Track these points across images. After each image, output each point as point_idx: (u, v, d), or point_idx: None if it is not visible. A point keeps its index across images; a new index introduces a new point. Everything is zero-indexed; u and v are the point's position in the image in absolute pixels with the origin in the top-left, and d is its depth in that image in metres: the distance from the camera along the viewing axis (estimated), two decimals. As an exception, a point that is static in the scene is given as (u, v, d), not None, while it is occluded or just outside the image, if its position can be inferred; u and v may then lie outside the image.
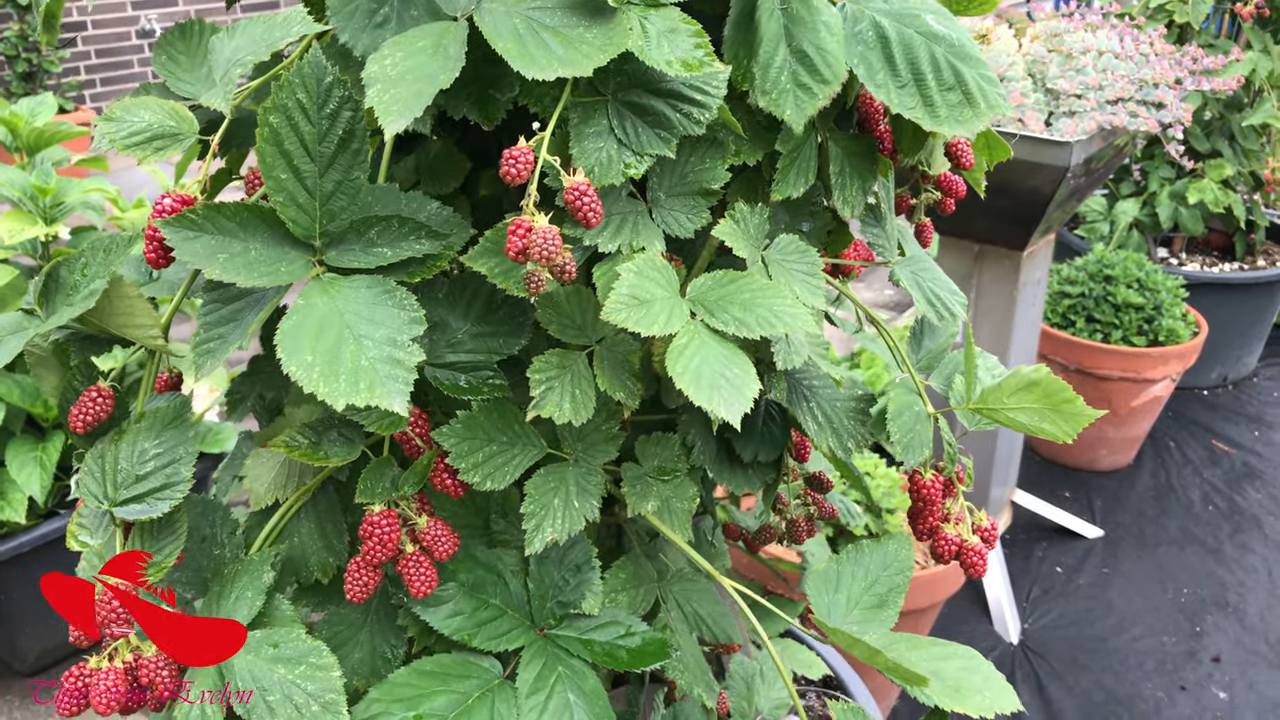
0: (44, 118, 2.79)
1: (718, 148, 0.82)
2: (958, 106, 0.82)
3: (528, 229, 0.71)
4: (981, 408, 0.90)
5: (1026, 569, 2.83)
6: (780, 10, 0.80)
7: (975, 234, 2.51)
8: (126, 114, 0.79)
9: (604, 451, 0.88)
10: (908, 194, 1.09)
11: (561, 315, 0.83)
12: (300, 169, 0.73)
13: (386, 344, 0.71)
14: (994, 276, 2.57)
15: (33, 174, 2.68)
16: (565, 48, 0.70)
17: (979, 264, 2.56)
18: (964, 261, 2.57)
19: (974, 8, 0.97)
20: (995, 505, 2.82)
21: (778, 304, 0.77)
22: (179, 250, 0.71)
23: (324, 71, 0.72)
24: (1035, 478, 3.19)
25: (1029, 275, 2.56)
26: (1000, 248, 2.51)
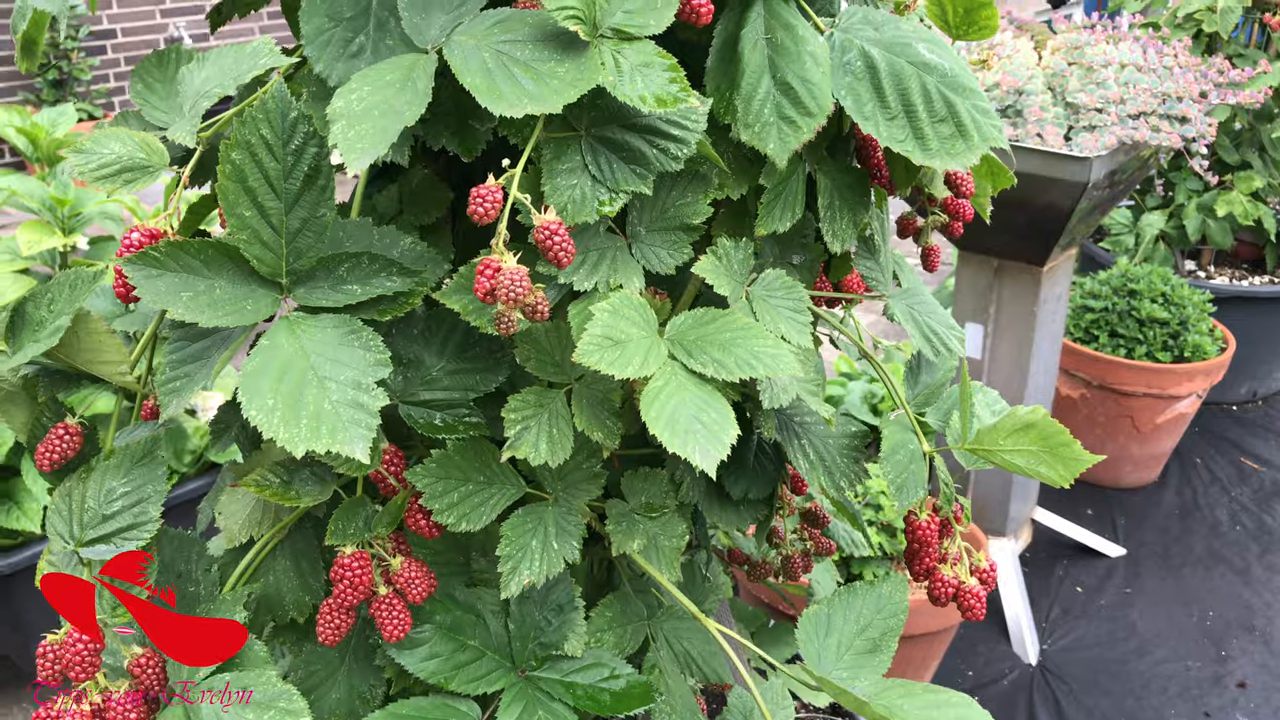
0: (64, 128, 2.80)
1: (700, 182, 0.80)
2: (950, 139, 0.79)
3: (495, 269, 0.69)
4: (977, 448, 0.87)
5: (1046, 588, 2.78)
6: (765, 40, 0.78)
7: (994, 249, 2.47)
8: (96, 145, 0.78)
9: (585, 491, 0.86)
10: (915, 217, 1.06)
11: (540, 352, 0.81)
12: (265, 206, 0.71)
13: (351, 386, 0.69)
14: (1014, 292, 2.52)
15: (52, 185, 2.69)
16: (535, 83, 0.68)
17: (998, 279, 2.52)
18: (983, 276, 2.53)
19: (974, 32, 0.94)
20: (1015, 522, 2.77)
21: (758, 345, 0.75)
22: (141, 289, 0.69)
23: (288, 106, 0.70)
24: (1056, 494, 3.13)
25: (1050, 291, 2.52)
26: (1020, 263, 2.47)
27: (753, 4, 0.79)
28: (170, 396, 0.73)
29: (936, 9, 0.94)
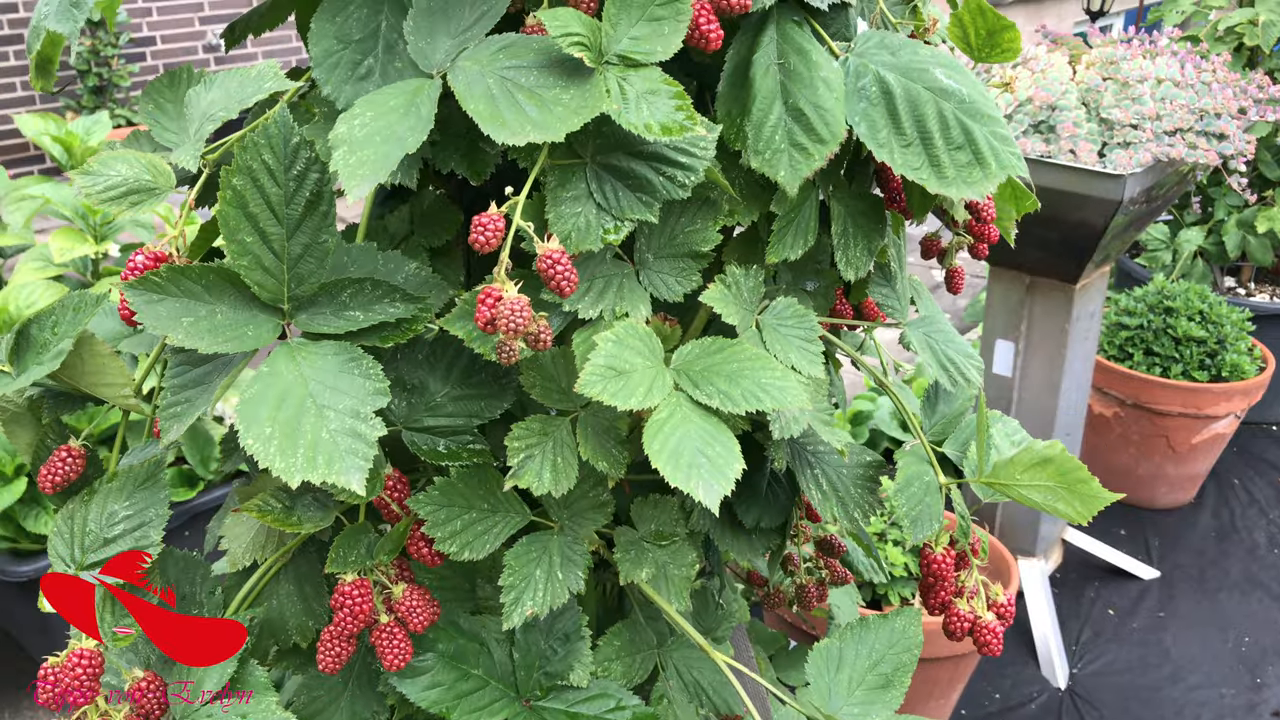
0: (98, 136, 2.83)
1: (710, 208, 0.78)
2: (967, 167, 0.77)
3: (496, 298, 0.68)
4: (994, 482, 0.85)
5: (1077, 610, 2.73)
6: (777, 66, 0.76)
7: (1026, 265, 2.43)
8: (104, 168, 0.77)
9: (592, 520, 0.84)
10: (939, 238, 1.04)
11: (545, 379, 0.79)
12: (267, 232, 0.70)
13: (349, 415, 0.68)
14: (1046, 309, 2.48)
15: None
16: (540, 110, 0.67)
17: (1030, 296, 2.48)
18: (1015, 293, 2.50)
19: (996, 55, 0.92)
20: (1045, 542, 2.73)
21: (765, 376, 0.73)
22: (141, 315, 0.69)
23: (290, 131, 0.70)
24: (1089, 514, 3.07)
25: (1083, 308, 2.48)
26: (1052, 280, 2.43)
27: (765, 28, 0.77)
28: (171, 421, 0.73)
29: (958, 31, 0.92)
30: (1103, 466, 3.14)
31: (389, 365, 0.81)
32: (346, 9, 0.80)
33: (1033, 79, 2.20)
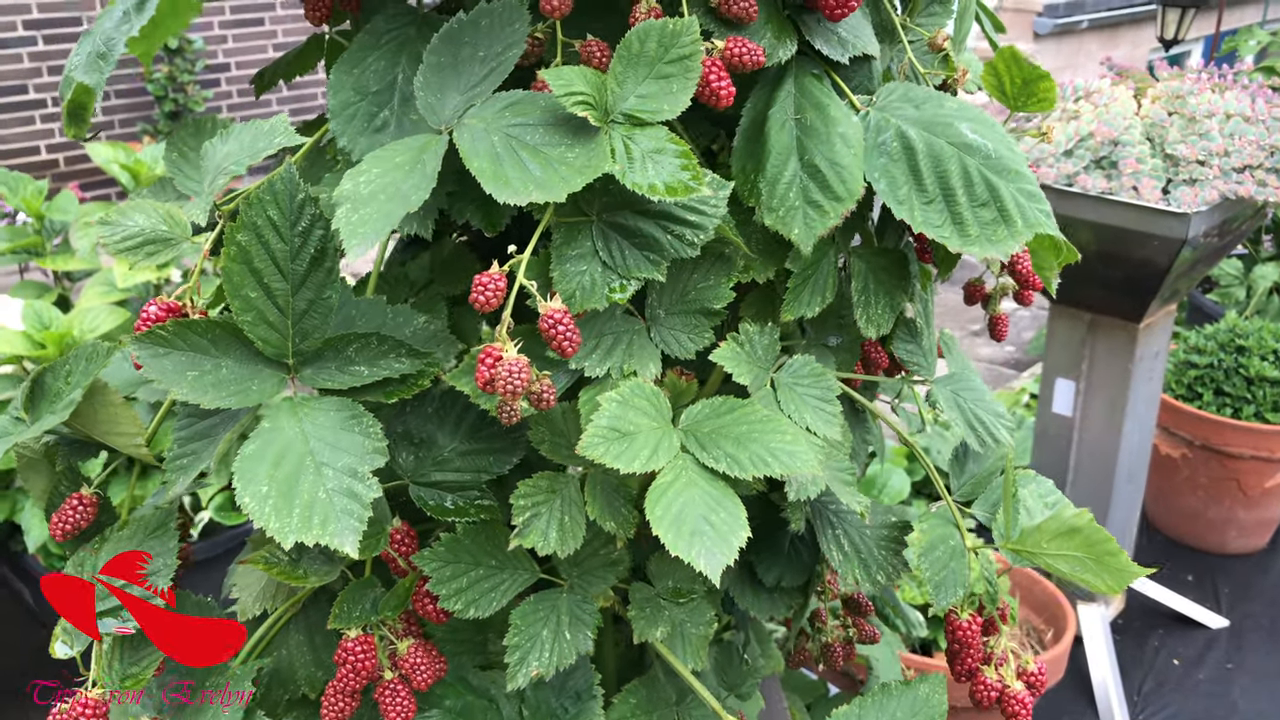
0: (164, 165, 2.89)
1: (723, 264, 0.76)
2: (991, 225, 0.74)
3: (496, 358, 0.67)
4: (1020, 549, 0.81)
5: (1139, 659, 2.64)
6: (793, 121, 0.74)
7: (1087, 303, 2.37)
8: (122, 217, 0.78)
9: (602, 578, 0.83)
10: (982, 283, 1.01)
11: (555, 434, 0.78)
12: (271, 287, 0.70)
13: (347, 474, 0.67)
14: (1108, 348, 2.41)
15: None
16: (543, 169, 0.66)
17: (1091, 334, 2.41)
18: (1075, 331, 2.43)
19: (1032, 104, 0.89)
20: (1107, 588, 2.64)
21: (776, 440, 0.71)
22: (147, 368, 0.69)
23: (296, 187, 0.69)
24: (1154, 558, 2.98)
25: (1147, 348, 2.41)
26: (1115, 318, 2.36)
27: (783, 82, 0.75)
28: (177, 474, 0.73)
29: (993, 80, 0.89)
30: (1169, 509, 3.04)
31: (397, 418, 0.80)
32: (364, 60, 0.80)
33: (1095, 113, 2.14)
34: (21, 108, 5.34)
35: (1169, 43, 5.06)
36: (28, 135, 5.43)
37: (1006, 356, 4.15)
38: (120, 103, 5.63)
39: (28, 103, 5.32)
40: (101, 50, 0.83)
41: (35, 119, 5.43)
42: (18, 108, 5.31)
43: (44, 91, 5.38)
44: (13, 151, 5.39)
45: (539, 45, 0.76)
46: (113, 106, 5.61)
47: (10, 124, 5.32)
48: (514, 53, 0.71)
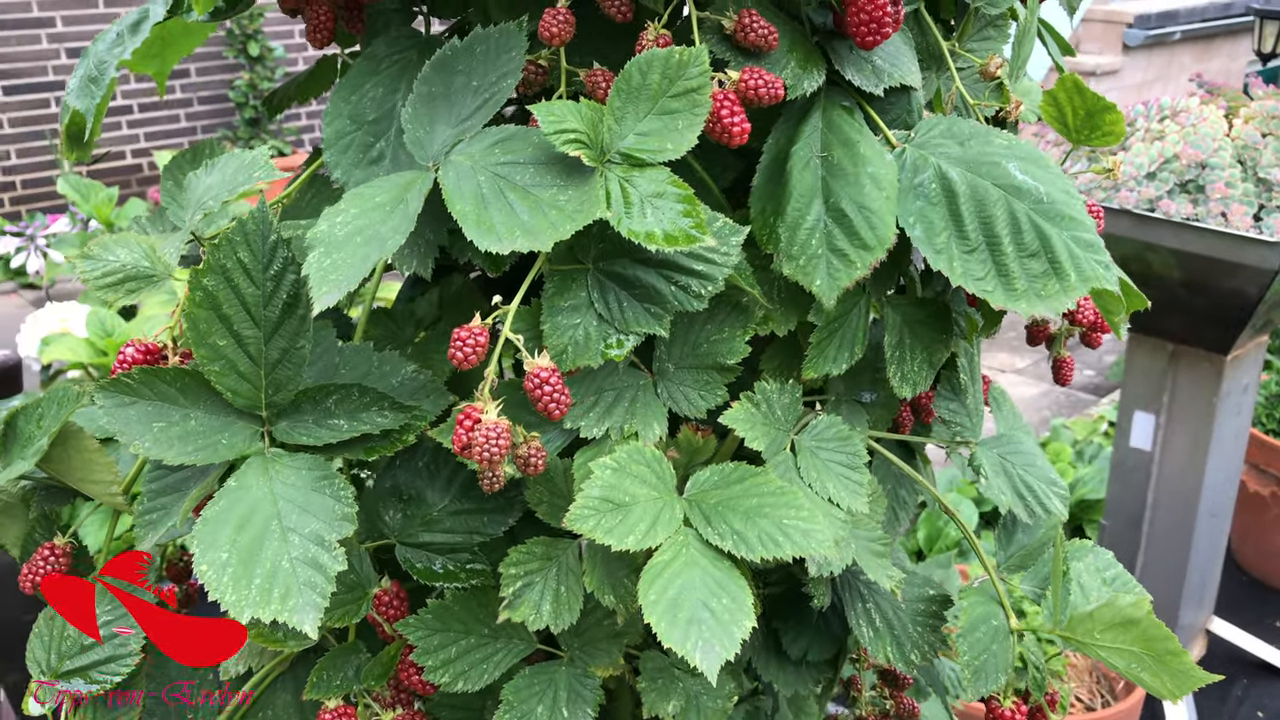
0: (229, 174, 2.90)
1: (739, 314, 0.69)
2: (1041, 278, 0.66)
3: (474, 421, 0.61)
4: (1069, 636, 0.73)
5: (1220, 710, 2.49)
6: (819, 160, 0.67)
7: (1169, 333, 2.24)
8: (104, 252, 0.74)
9: (606, 651, 0.76)
10: (1046, 323, 0.92)
11: (554, 494, 0.72)
12: (242, 335, 0.65)
13: (313, 541, 0.62)
14: (1192, 380, 2.28)
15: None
16: (532, 213, 0.60)
17: (1174, 365, 2.28)
18: (1157, 362, 2.30)
19: (1097, 138, 0.81)
20: (1186, 632, 2.50)
21: (789, 516, 0.64)
22: (109, 419, 0.64)
23: (269, 228, 0.64)
24: (1238, 601, 2.82)
25: (1234, 382, 2.26)
26: (1199, 349, 2.23)
27: (809, 116, 0.68)
28: (146, 529, 0.68)
29: (1053, 111, 0.81)
30: (1257, 550, 2.87)
31: (386, 472, 0.75)
32: (361, 87, 0.75)
33: (1181, 133, 2.02)
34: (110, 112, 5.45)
35: (1266, 56, 4.83)
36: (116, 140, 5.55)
37: (1086, 381, 3.99)
38: (203, 109, 5.73)
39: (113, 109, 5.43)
40: (93, 74, 0.79)
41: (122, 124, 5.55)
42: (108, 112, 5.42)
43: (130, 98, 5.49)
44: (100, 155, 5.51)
45: (542, 73, 0.70)
46: (196, 113, 5.71)
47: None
48: (508, 82, 0.65)
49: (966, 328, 0.79)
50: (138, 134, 5.56)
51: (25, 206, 5.24)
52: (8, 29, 5.05)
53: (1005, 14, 0.80)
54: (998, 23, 0.80)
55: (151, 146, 5.58)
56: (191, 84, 5.64)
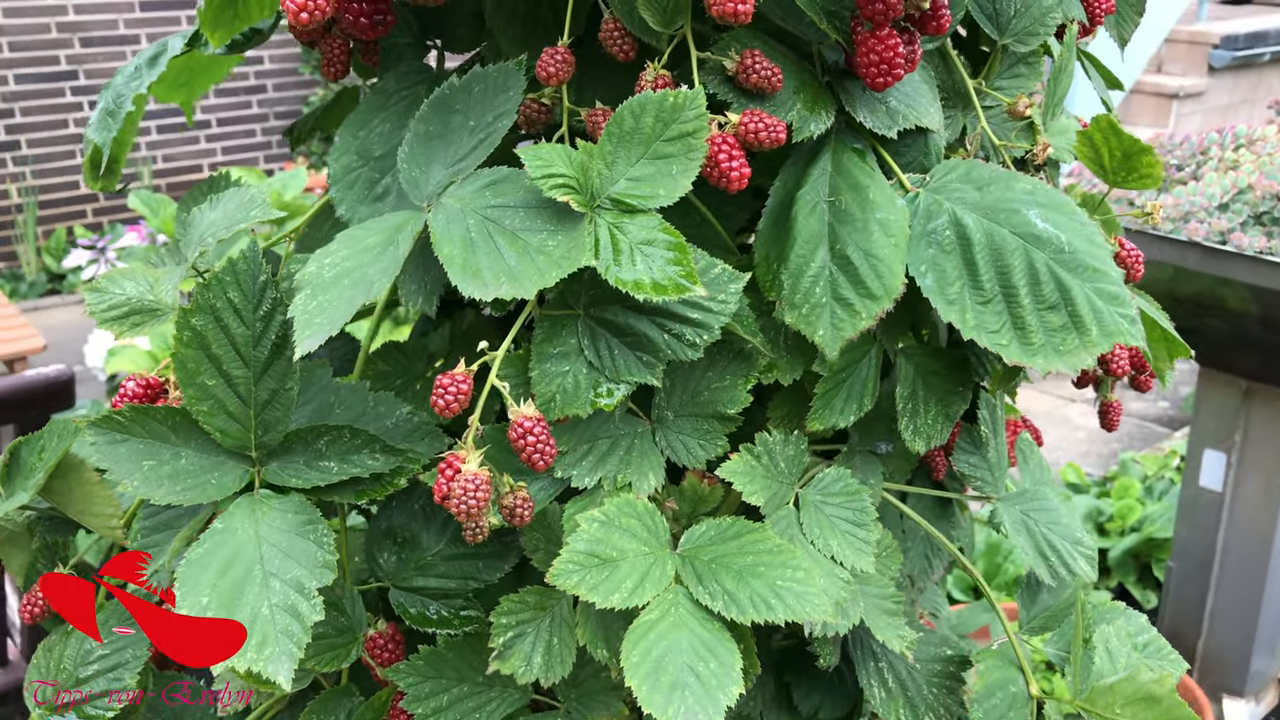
0: (293, 191, 2.95)
1: (742, 362, 0.67)
2: (1059, 332, 0.63)
3: (455, 471, 0.59)
4: (1089, 708, 0.69)
5: (1290, 765, 2.38)
6: (826, 204, 0.64)
7: (1243, 369, 2.15)
8: (111, 285, 0.74)
9: (603, 703, 0.73)
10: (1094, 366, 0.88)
11: (551, 542, 0.70)
12: (232, 375, 0.64)
13: (293, 588, 0.61)
14: (1266, 419, 2.19)
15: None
16: (519, 259, 0.58)
17: (1247, 403, 2.19)
18: (1229, 399, 2.21)
19: (1134, 180, 0.77)
20: (1258, 680, 2.39)
21: (783, 578, 0.61)
22: (100, 456, 0.64)
23: (259, 268, 0.63)
24: (1316, 651, 2.69)
25: (1311, 422, 2.17)
26: (1274, 387, 2.14)
27: (817, 158, 0.65)
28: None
29: (1089, 151, 0.77)
30: (1336, 597, 2.74)
31: (381, 513, 0.73)
32: (370, 122, 0.74)
33: (1257, 163, 1.94)
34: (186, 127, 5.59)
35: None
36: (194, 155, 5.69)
37: (1159, 412, 3.87)
38: (278, 124, 5.85)
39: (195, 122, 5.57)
40: (111, 108, 0.80)
41: (200, 139, 5.69)
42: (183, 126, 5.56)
43: (209, 112, 5.63)
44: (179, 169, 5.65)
45: (545, 111, 0.68)
46: (271, 128, 5.83)
47: (175, 143, 5.58)
48: (504, 123, 0.63)
49: (991, 378, 0.75)
50: (215, 148, 5.70)
51: (107, 218, 5.40)
52: (95, 45, 5.21)
53: (1037, 51, 0.76)
54: (1029, 60, 0.77)
55: (228, 161, 5.71)
56: (267, 99, 5.76)
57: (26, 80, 5.14)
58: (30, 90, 5.15)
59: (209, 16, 0.76)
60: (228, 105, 5.56)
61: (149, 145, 5.44)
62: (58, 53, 5.28)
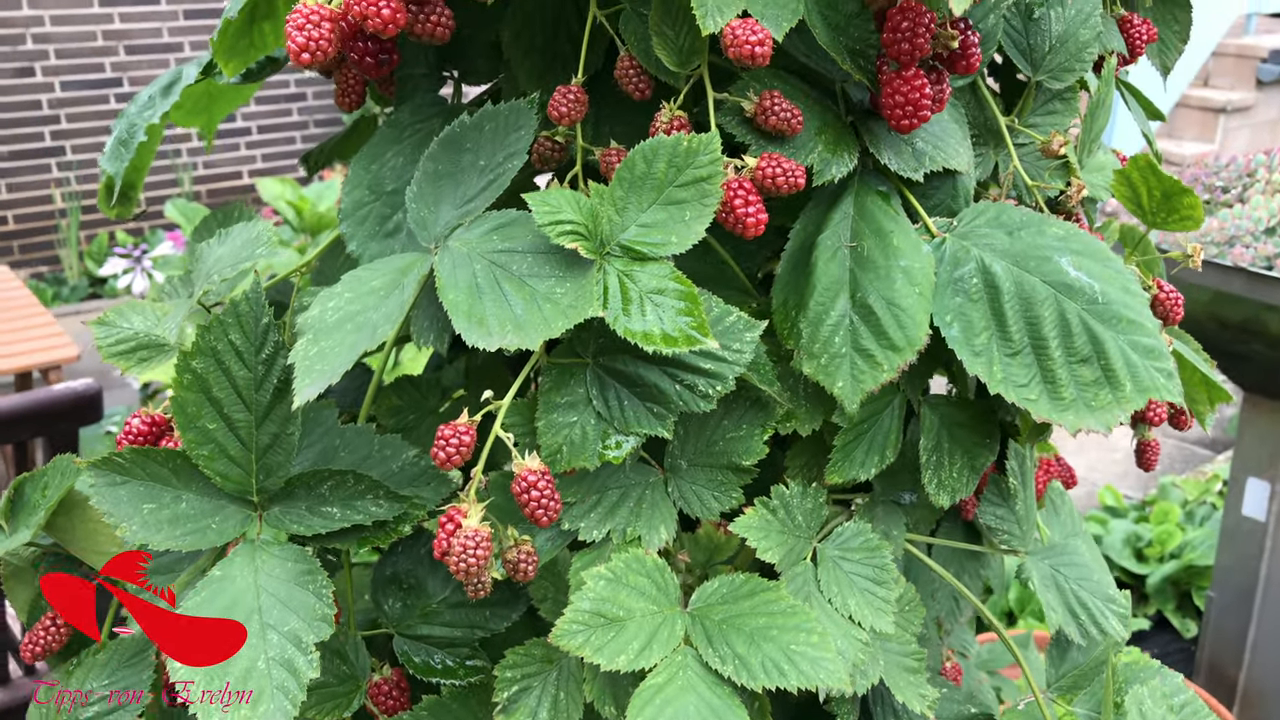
0: (327, 202, 2.95)
1: (759, 411, 0.64)
2: (1091, 387, 0.60)
3: (456, 525, 0.57)
4: (1119, 779, 0.66)
5: (1336, 805, 2.30)
6: (847, 250, 0.62)
7: (1289, 397, 2.09)
8: (119, 319, 0.73)
9: (611, 758, 0.71)
10: None
11: (560, 591, 0.67)
12: (233, 418, 0.62)
13: (291, 641, 0.59)
14: (1312, 449, 2.13)
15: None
16: (526, 306, 0.56)
17: (1294, 434, 2.13)
18: (1274, 426, 2.15)
19: (1174, 222, 0.74)
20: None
21: (797, 642, 0.58)
22: (98, 499, 0.63)
23: (262, 309, 0.62)
24: (1362, 686, 2.61)
25: (1359, 453, 2.10)
26: (1322, 417, 2.08)
27: (839, 202, 0.63)
28: (137, 610, 0.66)
29: (1127, 191, 0.74)
30: (1383, 631, 2.66)
31: (386, 558, 0.71)
32: (383, 156, 0.72)
33: (1305, 187, 1.89)
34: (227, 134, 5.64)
35: None
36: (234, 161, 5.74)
37: (1201, 435, 3.78)
38: (318, 132, 5.89)
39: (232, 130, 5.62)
40: (124, 138, 0.79)
41: (240, 145, 5.74)
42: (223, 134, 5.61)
43: (249, 119, 5.67)
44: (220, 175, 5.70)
45: (559, 149, 0.66)
46: (311, 135, 5.87)
47: (216, 149, 5.63)
48: (515, 163, 0.61)
49: (1021, 428, 0.72)
50: (255, 155, 5.74)
51: (148, 223, 5.45)
52: (140, 53, 5.27)
53: (1073, 87, 0.73)
54: (1064, 95, 0.74)
55: (267, 169, 5.75)
56: (308, 107, 5.80)
57: (72, 87, 5.21)
58: (76, 97, 5.22)
59: (223, 46, 0.75)
60: (268, 113, 5.61)
61: (190, 151, 5.49)
62: (103, 60, 5.34)
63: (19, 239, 5.12)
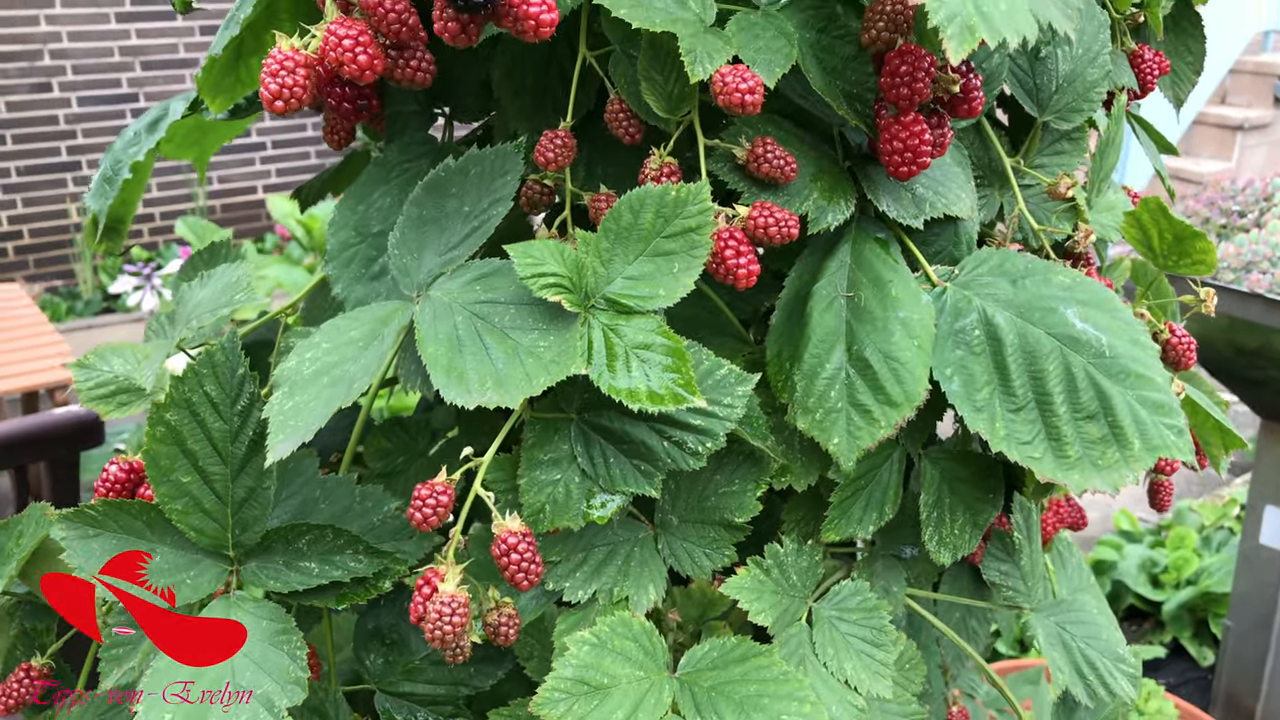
0: (337, 220, 2.94)
1: (753, 466, 0.62)
2: (1098, 444, 0.57)
3: (432, 590, 0.55)
4: None
5: (1357, 841, 2.25)
6: (843, 300, 0.59)
7: (1308, 426, 2.06)
8: (99, 361, 0.71)
9: (601, 818, 0.69)
10: None
11: (546, 649, 0.65)
12: (209, 471, 0.60)
13: (263, 706, 0.57)
14: (1332, 478, 2.09)
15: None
16: (508, 360, 0.54)
17: (1311, 461, 2.09)
18: (1295, 457, 2.11)
19: (1185, 265, 0.71)
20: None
21: (789, 711, 0.56)
22: (69, 552, 0.61)
23: (238, 360, 0.60)
24: (1384, 718, 2.56)
25: (1386, 483, 2.06)
26: (1347, 447, 2.04)
27: (835, 250, 0.61)
28: (110, 665, 0.64)
29: (1137, 233, 0.72)
30: (1405, 662, 2.61)
31: (369, 612, 0.69)
32: (370, 196, 0.70)
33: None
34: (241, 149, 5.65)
35: None
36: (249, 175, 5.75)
37: (1220, 458, 3.72)
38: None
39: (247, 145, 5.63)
40: (109, 174, 0.77)
41: (255, 160, 5.75)
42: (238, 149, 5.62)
43: (264, 134, 5.68)
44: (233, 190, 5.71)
45: (547, 193, 0.64)
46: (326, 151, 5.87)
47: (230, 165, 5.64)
48: (500, 210, 0.59)
49: (1026, 483, 0.70)
50: (269, 170, 5.75)
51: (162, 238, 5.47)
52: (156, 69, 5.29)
53: (1081, 126, 0.71)
54: (1072, 135, 0.71)
55: (281, 184, 5.76)
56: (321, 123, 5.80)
57: (88, 103, 5.23)
58: (92, 113, 5.23)
59: (208, 83, 0.73)
60: (282, 128, 5.62)
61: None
62: (120, 75, 5.36)
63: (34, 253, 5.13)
